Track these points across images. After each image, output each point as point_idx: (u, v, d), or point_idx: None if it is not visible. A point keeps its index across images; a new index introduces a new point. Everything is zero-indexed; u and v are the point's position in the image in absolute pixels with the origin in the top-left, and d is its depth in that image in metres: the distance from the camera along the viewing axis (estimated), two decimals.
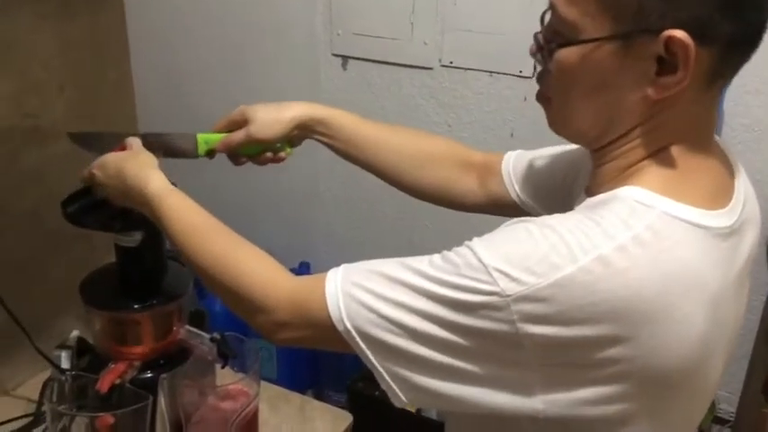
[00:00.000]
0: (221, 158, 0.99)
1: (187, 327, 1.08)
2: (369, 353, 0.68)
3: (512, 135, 1.65)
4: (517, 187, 0.94)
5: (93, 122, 1.27)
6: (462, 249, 0.65)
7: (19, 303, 1.15)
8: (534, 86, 0.74)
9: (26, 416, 1.18)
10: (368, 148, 0.99)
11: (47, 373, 1.20)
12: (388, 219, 1.97)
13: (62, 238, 1.27)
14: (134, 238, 1.00)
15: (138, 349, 1.04)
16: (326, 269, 0.74)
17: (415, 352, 0.65)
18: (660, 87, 0.63)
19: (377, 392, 1.86)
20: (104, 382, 1.00)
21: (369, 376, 0.69)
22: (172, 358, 1.06)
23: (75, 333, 1.28)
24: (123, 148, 0.92)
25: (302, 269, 2.21)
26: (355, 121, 1.00)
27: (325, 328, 0.70)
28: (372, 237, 2.03)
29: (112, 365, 1.02)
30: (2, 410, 1.17)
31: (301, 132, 0.99)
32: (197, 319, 1.11)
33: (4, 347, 1.21)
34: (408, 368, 0.66)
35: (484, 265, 0.62)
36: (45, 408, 1.17)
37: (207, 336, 1.06)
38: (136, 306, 1.01)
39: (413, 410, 1.87)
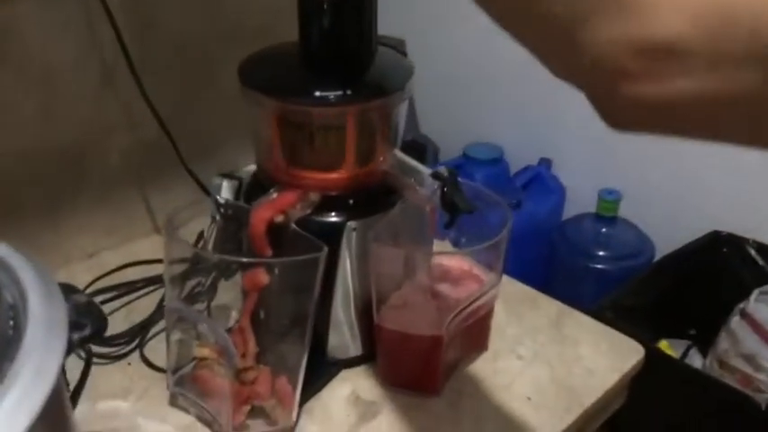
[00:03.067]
0: None
1: (399, 154, 0.66)
2: None
3: None
4: None
5: None
6: None
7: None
8: None
9: (183, 260, 0.83)
10: None
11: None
12: None
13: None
14: None
15: (319, 174, 0.64)
16: (574, 168, 0.28)
17: None
18: None
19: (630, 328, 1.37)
20: (259, 217, 0.61)
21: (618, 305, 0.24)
22: (370, 199, 0.65)
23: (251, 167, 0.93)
24: None
25: (541, 167, 1.75)
26: None
27: None
28: None
29: (274, 194, 0.64)
30: (155, 252, 0.83)
31: None
32: (413, 154, 0.69)
33: (157, 173, 0.88)
34: None
35: None
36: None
37: (427, 170, 0.63)
38: (322, 95, 0.60)
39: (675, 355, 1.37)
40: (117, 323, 0.76)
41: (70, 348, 0.45)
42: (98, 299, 0.78)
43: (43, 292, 0.41)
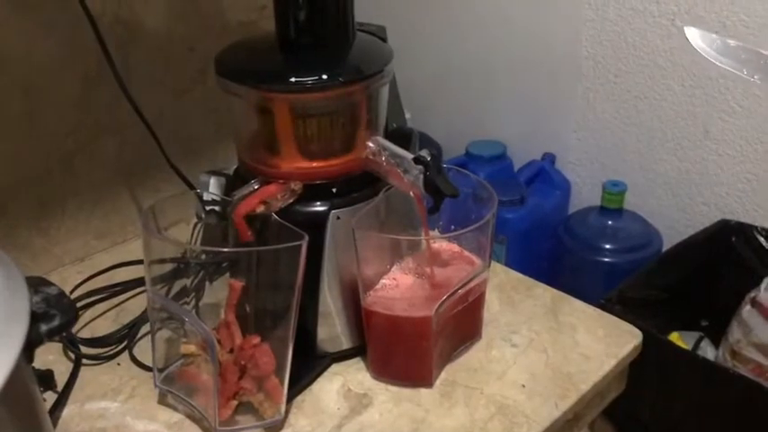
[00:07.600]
0: None
1: (382, 140, 0.65)
2: None
3: None
4: None
5: None
6: None
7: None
8: None
9: (173, 260, 0.83)
10: None
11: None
12: (672, 99, 1.41)
13: None
14: None
15: (299, 164, 0.63)
16: (578, 162, 0.29)
17: None
18: None
19: (639, 321, 1.35)
20: (240, 210, 0.61)
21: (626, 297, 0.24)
22: (354, 187, 0.64)
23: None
24: None
25: (545, 162, 1.73)
26: None
27: None
28: (648, 123, 1.47)
29: (256, 186, 0.63)
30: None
31: None
32: (399, 141, 0.68)
33: (147, 175, 0.88)
34: None
35: None
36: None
37: (409, 156, 0.62)
38: (298, 81, 0.59)
39: (686, 347, 1.34)
40: (107, 324, 0.75)
41: (40, 340, 0.44)
42: (88, 300, 0.78)
43: (4, 283, 0.40)
